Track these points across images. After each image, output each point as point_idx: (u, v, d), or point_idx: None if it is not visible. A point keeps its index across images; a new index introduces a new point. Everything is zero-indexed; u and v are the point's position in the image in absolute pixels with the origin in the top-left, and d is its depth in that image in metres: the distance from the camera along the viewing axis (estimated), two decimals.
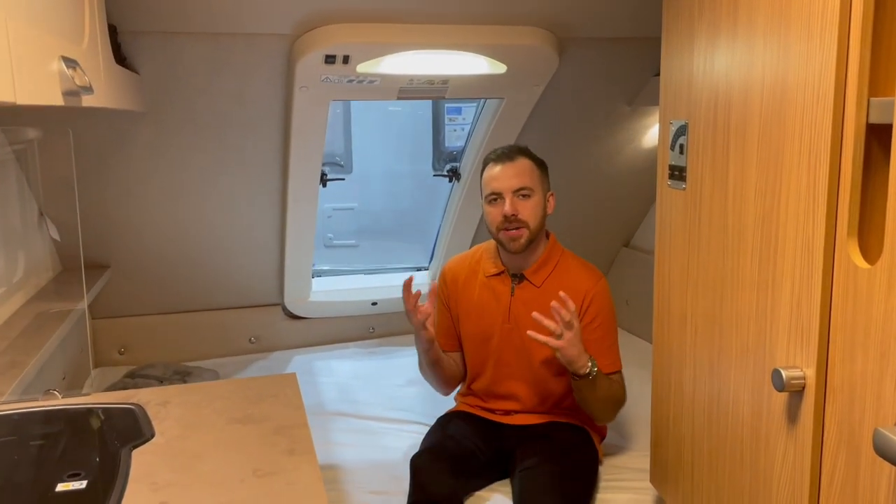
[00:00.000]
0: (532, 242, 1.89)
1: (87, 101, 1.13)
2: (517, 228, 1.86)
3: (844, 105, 1.03)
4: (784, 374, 1.12)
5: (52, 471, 1.12)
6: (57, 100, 0.94)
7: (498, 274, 1.96)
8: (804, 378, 1.11)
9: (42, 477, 1.11)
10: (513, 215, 1.85)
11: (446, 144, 3.82)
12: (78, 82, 1.01)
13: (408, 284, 1.89)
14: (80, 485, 1.07)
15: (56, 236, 2.45)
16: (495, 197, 1.88)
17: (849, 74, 1.02)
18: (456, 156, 3.70)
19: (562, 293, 1.70)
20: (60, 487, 1.07)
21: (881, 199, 0.98)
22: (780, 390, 1.13)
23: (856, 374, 1.01)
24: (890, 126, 0.95)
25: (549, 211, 1.93)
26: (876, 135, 1.01)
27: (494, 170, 1.90)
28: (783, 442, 1.18)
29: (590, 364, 1.75)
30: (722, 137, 1.33)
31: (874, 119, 1.00)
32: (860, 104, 1.01)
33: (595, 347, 1.83)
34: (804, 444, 1.12)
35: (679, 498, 1.58)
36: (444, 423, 2.00)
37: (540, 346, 1.80)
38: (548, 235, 1.98)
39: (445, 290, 2.06)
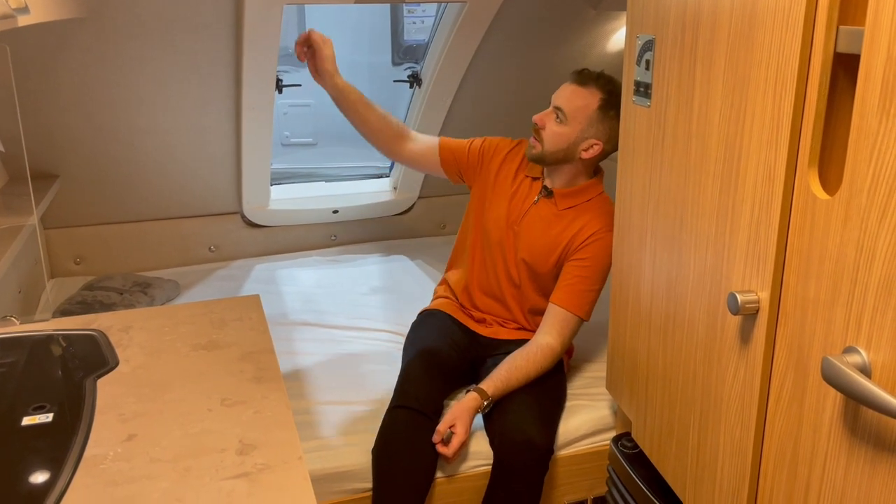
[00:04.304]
0: (544, 164, 1.93)
1: (24, 20, 1.05)
2: (535, 139, 1.91)
3: (813, 32, 1.01)
4: (739, 297, 1.15)
5: (15, 403, 1.12)
6: None
7: (535, 178, 2.00)
8: (758, 302, 1.14)
9: (5, 410, 1.11)
10: (535, 124, 1.89)
11: (405, 37, 3.70)
12: (13, 4, 0.94)
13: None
14: (47, 418, 1.07)
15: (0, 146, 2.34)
16: (549, 104, 1.92)
17: (819, 0, 0.99)
18: (416, 50, 3.58)
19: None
20: (26, 421, 1.07)
21: (844, 131, 0.98)
22: (735, 313, 1.16)
23: (808, 301, 1.05)
24: (857, 56, 0.95)
25: (584, 155, 1.89)
26: (843, 64, 1.00)
27: (565, 83, 1.92)
28: (735, 361, 1.22)
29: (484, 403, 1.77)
30: (689, 58, 1.31)
31: (842, 48, 0.99)
32: (829, 32, 0.99)
33: (571, 283, 1.89)
34: (755, 364, 1.17)
35: (633, 407, 1.65)
36: (432, 325, 2.05)
37: (536, 257, 1.94)
38: (598, 173, 2.00)
39: (488, 153, 2.07)
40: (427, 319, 2.09)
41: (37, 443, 1.03)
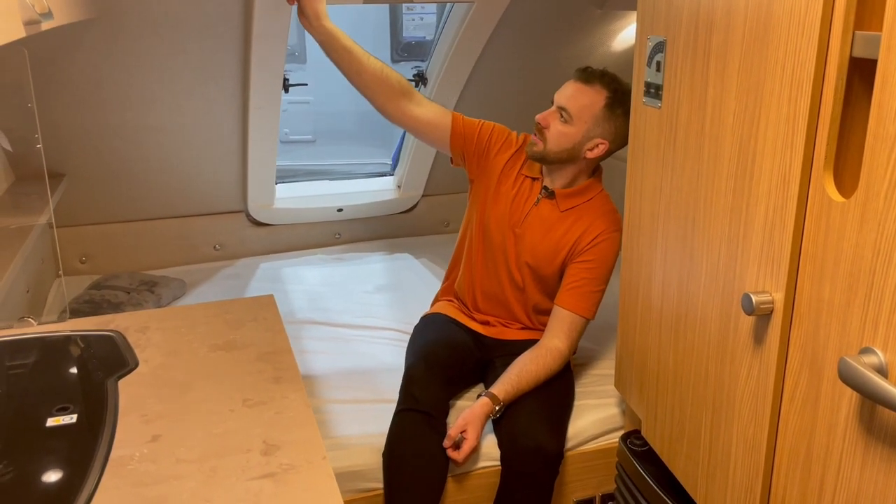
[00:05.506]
0: (546, 163, 1.91)
1: (47, 24, 1.06)
2: (537, 136, 1.88)
3: (829, 37, 1.02)
4: (754, 298, 1.16)
5: (38, 404, 1.13)
6: (19, 33, 0.88)
7: (534, 179, 1.97)
8: (772, 303, 1.16)
9: (29, 411, 1.12)
10: (538, 123, 1.87)
11: (404, 34, 3.71)
12: (38, 10, 0.94)
13: None
14: (71, 419, 1.08)
15: (7, 146, 2.35)
16: (552, 102, 1.90)
17: (836, 5, 1.01)
18: (415, 47, 3.58)
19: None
20: (51, 422, 1.08)
21: (859, 134, 1.00)
22: (749, 314, 1.17)
23: (822, 303, 1.06)
24: (872, 61, 0.96)
25: (588, 155, 1.88)
26: (858, 69, 1.02)
27: (568, 82, 1.90)
28: (748, 361, 1.24)
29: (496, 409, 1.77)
30: (702, 60, 1.32)
31: (858, 53, 1.00)
32: (845, 37, 1.00)
33: (578, 285, 1.89)
34: (768, 364, 1.18)
35: (643, 405, 1.67)
36: (434, 328, 2.04)
37: (540, 260, 1.92)
38: (596, 171, 1.98)
39: (496, 143, 2.00)
40: (428, 323, 2.09)
41: (62, 444, 1.04)
